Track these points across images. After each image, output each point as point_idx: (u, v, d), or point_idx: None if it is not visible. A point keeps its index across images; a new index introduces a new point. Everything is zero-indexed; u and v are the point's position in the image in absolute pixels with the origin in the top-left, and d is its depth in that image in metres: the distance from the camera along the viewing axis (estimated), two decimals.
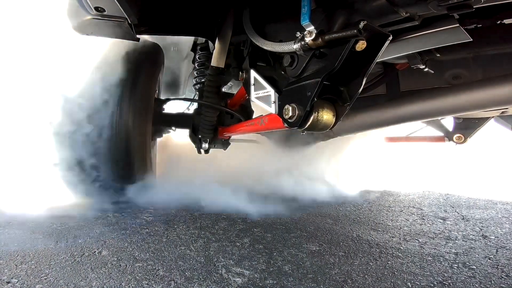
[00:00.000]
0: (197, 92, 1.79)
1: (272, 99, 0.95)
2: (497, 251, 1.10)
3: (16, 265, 0.82)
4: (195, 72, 1.84)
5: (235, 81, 1.79)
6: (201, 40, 1.76)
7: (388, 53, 1.06)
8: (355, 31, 0.72)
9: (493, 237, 1.25)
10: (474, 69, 1.48)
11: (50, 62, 1.37)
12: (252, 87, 1.04)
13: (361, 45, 0.75)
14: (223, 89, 1.82)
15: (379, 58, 0.80)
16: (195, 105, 1.82)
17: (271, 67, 1.04)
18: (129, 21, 1.04)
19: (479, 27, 1.04)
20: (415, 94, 1.50)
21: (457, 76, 1.53)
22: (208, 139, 1.68)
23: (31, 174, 1.50)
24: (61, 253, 0.91)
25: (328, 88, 0.85)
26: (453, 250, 1.09)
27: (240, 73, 1.12)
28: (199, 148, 1.72)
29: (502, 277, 0.90)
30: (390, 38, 0.76)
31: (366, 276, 0.87)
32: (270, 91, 0.97)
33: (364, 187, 2.39)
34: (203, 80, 1.74)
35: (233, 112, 1.66)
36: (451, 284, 0.84)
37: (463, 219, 1.52)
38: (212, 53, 1.42)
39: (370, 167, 3.14)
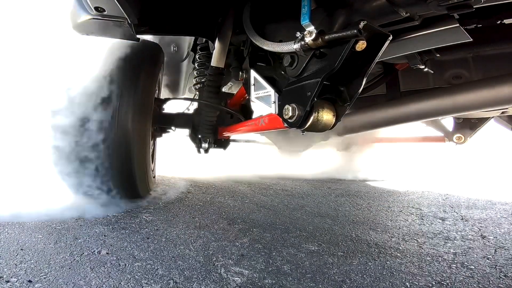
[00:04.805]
0: (197, 92, 1.79)
1: (272, 99, 0.95)
2: (495, 251, 1.10)
3: (15, 264, 0.82)
4: (195, 72, 1.84)
5: (235, 81, 1.79)
6: (201, 40, 1.75)
7: (388, 53, 1.06)
8: (355, 31, 0.72)
9: (491, 237, 1.25)
10: (474, 69, 1.48)
11: (47, 62, 1.37)
12: (252, 87, 1.04)
13: (361, 45, 0.75)
14: (223, 89, 1.82)
15: (379, 58, 0.80)
16: (195, 105, 1.82)
17: (271, 67, 1.04)
18: (129, 21, 1.04)
19: (479, 27, 1.04)
20: (415, 94, 1.50)
21: (457, 76, 1.53)
22: (208, 139, 1.68)
23: (30, 174, 1.50)
24: (61, 252, 0.91)
25: (328, 88, 0.85)
26: (452, 250, 1.09)
27: (240, 73, 1.12)
28: (199, 148, 1.72)
29: (500, 277, 0.90)
30: (390, 38, 0.76)
31: (364, 276, 0.87)
32: (270, 91, 0.97)
33: (364, 186, 2.39)
34: (203, 80, 1.73)
35: (233, 112, 1.66)
36: (449, 284, 0.85)
37: (462, 219, 1.52)
38: (212, 53, 1.42)
39: (371, 167, 3.14)
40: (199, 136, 1.68)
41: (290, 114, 0.84)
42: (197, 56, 1.81)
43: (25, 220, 1.17)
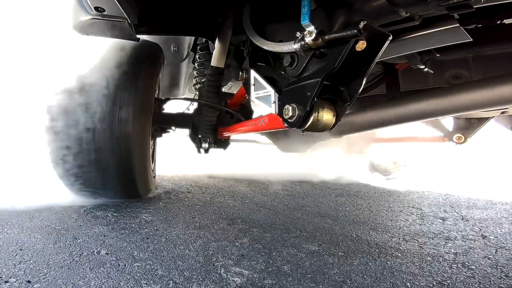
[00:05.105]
0: (197, 92, 1.79)
1: (272, 99, 0.95)
2: (496, 251, 1.10)
3: (14, 265, 0.82)
4: (195, 72, 1.84)
5: (235, 81, 1.79)
6: (201, 40, 1.76)
7: (388, 53, 1.06)
8: (355, 31, 0.72)
9: (492, 237, 1.25)
10: (474, 69, 1.48)
11: (47, 61, 1.36)
12: (252, 87, 1.04)
13: (361, 45, 0.75)
14: (223, 89, 1.82)
15: (379, 58, 0.80)
16: (195, 105, 1.82)
17: (271, 67, 1.04)
18: (129, 21, 1.04)
19: (479, 27, 1.04)
20: (415, 94, 1.50)
21: (457, 76, 1.53)
22: (208, 139, 1.68)
23: (29, 173, 1.50)
24: (60, 252, 0.91)
25: (328, 88, 0.85)
26: (452, 250, 1.09)
27: (240, 73, 1.12)
28: (199, 148, 1.72)
29: (501, 277, 0.90)
30: (390, 38, 0.76)
31: (365, 276, 0.87)
32: (270, 91, 0.97)
33: (364, 186, 2.39)
34: (203, 80, 1.73)
35: (233, 112, 1.66)
36: (450, 284, 0.84)
37: (462, 219, 1.52)
38: (212, 53, 1.42)
39: (371, 167, 3.14)
40: (199, 136, 1.68)
41: (290, 114, 0.84)
42: (197, 56, 1.81)
43: (24, 219, 1.17)
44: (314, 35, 0.76)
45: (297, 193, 2.02)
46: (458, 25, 0.92)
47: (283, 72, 0.97)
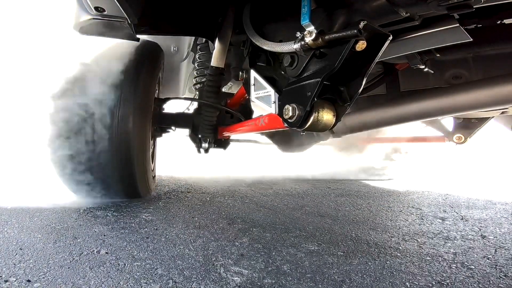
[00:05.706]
0: (197, 92, 1.79)
1: (272, 99, 0.95)
2: (495, 251, 1.10)
3: (14, 264, 0.82)
4: (195, 72, 1.84)
5: (235, 81, 1.80)
6: (201, 40, 1.76)
7: (388, 53, 1.05)
8: (355, 31, 0.72)
9: (492, 237, 1.25)
10: (474, 69, 1.48)
11: (46, 61, 1.37)
12: (252, 87, 1.04)
13: (361, 45, 0.75)
14: (223, 89, 1.82)
15: (379, 58, 0.80)
16: (195, 105, 1.83)
17: (271, 67, 1.04)
18: (129, 21, 1.04)
19: (479, 27, 1.04)
20: (415, 94, 1.50)
21: (457, 76, 1.53)
22: (208, 139, 1.68)
23: (29, 173, 1.50)
24: (60, 252, 0.91)
25: (328, 88, 0.85)
26: (452, 250, 1.09)
27: (240, 73, 1.12)
28: (199, 148, 1.72)
29: (501, 277, 0.90)
30: (390, 38, 0.76)
31: (364, 276, 0.87)
32: (270, 91, 0.97)
33: (364, 186, 2.39)
34: (203, 80, 1.74)
35: (233, 112, 1.66)
36: (449, 284, 0.85)
37: (462, 219, 1.52)
38: (212, 53, 1.42)
39: (372, 166, 3.14)
40: (199, 136, 1.68)
41: (290, 114, 0.84)
42: (197, 56, 1.81)
43: (24, 219, 1.17)
44: (314, 35, 0.76)
45: (297, 193, 2.02)
46: (458, 25, 0.92)
47: (283, 72, 0.97)
